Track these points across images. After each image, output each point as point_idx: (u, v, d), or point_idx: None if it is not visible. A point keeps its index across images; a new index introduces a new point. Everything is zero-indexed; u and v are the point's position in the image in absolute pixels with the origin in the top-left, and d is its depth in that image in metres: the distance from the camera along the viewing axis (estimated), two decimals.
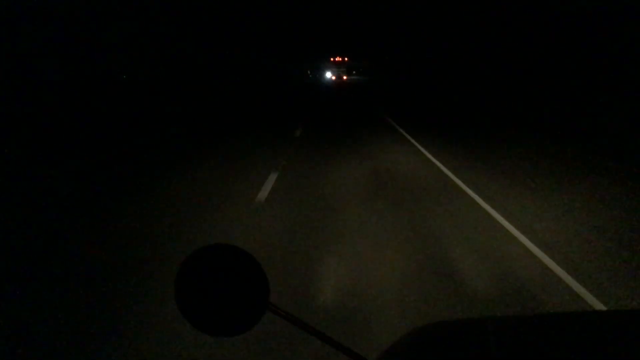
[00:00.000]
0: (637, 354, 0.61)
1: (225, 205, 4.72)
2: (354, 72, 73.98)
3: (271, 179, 5.70)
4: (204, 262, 0.71)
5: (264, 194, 5.07)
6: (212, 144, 8.76)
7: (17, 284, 3.05)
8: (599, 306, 2.69)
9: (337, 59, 67.09)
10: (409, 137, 9.34)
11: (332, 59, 66.83)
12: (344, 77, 60.68)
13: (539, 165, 6.57)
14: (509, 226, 4.00)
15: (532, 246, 3.56)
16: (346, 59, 68.33)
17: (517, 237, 3.77)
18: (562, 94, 17.65)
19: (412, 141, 8.76)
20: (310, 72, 70.41)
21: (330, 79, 60.78)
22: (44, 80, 18.76)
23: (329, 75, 63.22)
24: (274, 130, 10.74)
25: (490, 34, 28.44)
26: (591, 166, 6.46)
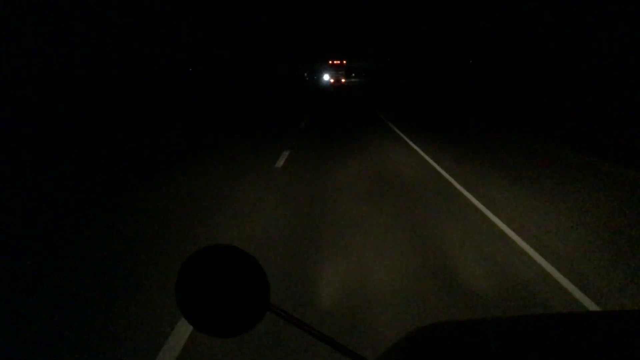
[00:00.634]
0: (637, 354, 0.61)
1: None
2: (353, 75, 71.77)
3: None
4: (205, 263, 0.72)
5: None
6: (231, 133, 10.94)
7: (17, 284, 3.18)
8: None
9: (336, 61, 64.99)
10: (414, 145, 8.79)
11: (331, 61, 65.21)
12: (343, 80, 58.19)
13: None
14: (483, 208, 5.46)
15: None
16: (344, 61, 66.54)
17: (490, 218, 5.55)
18: (561, 94, 17.58)
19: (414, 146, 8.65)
20: (307, 74, 67.51)
21: (328, 82, 58.43)
22: (44, 80, 18.49)
23: (327, 78, 60.93)
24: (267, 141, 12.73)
25: (490, 34, 28.98)
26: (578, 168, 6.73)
